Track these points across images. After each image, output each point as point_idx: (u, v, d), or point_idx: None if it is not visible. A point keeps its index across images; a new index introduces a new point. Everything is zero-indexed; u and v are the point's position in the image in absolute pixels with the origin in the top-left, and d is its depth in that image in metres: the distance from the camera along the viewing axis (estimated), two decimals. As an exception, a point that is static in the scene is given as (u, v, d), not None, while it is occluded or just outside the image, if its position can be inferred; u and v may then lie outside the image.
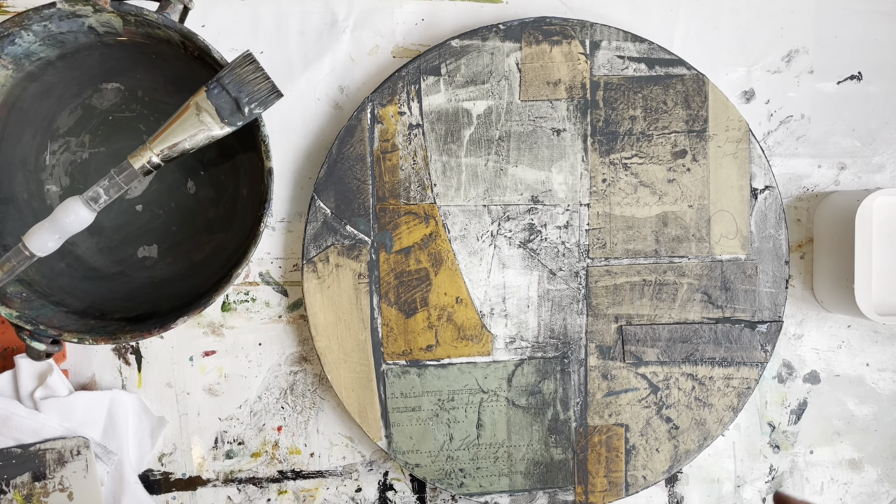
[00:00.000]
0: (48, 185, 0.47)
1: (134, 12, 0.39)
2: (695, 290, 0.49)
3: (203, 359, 0.50)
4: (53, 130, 0.47)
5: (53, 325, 0.41)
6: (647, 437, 0.50)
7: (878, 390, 0.53)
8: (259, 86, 0.39)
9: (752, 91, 0.51)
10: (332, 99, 0.50)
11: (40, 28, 0.40)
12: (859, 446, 0.53)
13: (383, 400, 0.49)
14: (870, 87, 0.52)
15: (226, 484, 0.50)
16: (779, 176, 0.52)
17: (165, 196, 0.49)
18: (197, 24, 0.48)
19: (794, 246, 0.52)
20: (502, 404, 0.49)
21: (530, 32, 0.48)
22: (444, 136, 0.48)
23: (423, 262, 0.48)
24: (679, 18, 0.51)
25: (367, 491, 0.51)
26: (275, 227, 0.50)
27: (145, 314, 0.45)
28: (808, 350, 0.53)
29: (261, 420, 0.50)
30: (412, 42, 0.50)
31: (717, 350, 0.49)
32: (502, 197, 0.49)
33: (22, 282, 0.43)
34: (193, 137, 0.39)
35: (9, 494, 0.45)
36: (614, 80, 0.48)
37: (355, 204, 0.48)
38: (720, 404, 0.50)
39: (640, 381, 0.49)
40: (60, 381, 0.46)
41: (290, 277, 0.50)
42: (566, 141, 0.49)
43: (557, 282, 0.49)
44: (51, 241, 0.39)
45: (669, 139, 0.49)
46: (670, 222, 0.49)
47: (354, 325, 0.48)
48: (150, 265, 0.49)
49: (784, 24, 0.51)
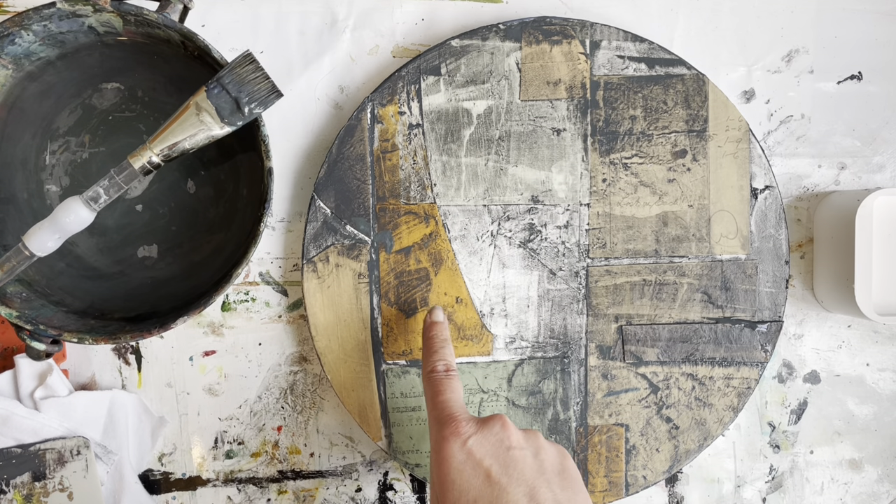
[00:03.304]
0: (48, 185, 0.47)
1: (134, 12, 0.39)
2: (695, 289, 0.49)
3: (203, 359, 0.50)
4: (53, 130, 0.47)
5: (53, 325, 0.41)
6: (648, 437, 0.50)
7: (878, 390, 0.53)
8: (259, 86, 0.39)
9: (752, 91, 0.51)
10: (332, 99, 0.50)
11: (40, 28, 0.40)
12: (859, 446, 0.53)
13: (383, 400, 0.49)
14: (870, 87, 0.52)
15: (226, 484, 0.50)
16: (779, 176, 0.52)
17: (165, 196, 0.49)
18: (197, 24, 0.48)
19: (795, 246, 0.52)
20: (502, 404, 0.49)
21: (530, 32, 0.48)
22: (444, 135, 0.48)
23: (423, 262, 0.48)
24: (679, 18, 0.51)
25: (367, 491, 0.51)
26: (275, 226, 0.50)
27: (145, 314, 0.45)
28: (809, 350, 0.53)
29: (261, 420, 0.50)
30: (412, 42, 0.50)
31: (717, 350, 0.49)
32: (502, 197, 0.49)
33: (22, 282, 0.43)
34: (193, 137, 0.39)
35: (9, 494, 0.45)
36: (614, 80, 0.49)
37: (355, 204, 0.48)
38: (720, 404, 0.50)
39: (641, 381, 0.49)
40: (60, 381, 0.46)
41: (290, 277, 0.50)
42: (566, 141, 0.49)
43: (557, 282, 0.49)
44: (51, 241, 0.39)
45: (669, 139, 0.49)
46: (670, 222, 0.49)
47: (354, 325, 0.48)
48: (149, 265, 0.49)
49: (784, 24, 0.51)
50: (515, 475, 0.36)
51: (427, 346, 0.44)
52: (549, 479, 0.36)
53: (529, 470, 0.36)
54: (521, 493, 0.35)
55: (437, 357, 0.42)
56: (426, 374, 0.42)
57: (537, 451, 0.38)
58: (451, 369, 0.42)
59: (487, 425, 0.38)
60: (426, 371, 0.42)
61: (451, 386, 0.41)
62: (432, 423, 0.39)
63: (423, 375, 0.42)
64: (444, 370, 0.42)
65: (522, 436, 0.38)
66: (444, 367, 0.42)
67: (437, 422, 0.39)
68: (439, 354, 0.43)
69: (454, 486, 0.36)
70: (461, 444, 0.37)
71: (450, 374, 0.41)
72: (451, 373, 0.41)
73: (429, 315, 0.46)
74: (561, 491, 0.36)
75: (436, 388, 0.41)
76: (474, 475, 0.36)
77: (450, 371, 0.42)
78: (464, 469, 0.36)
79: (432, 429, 0.39)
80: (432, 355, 0.43)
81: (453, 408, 0.39)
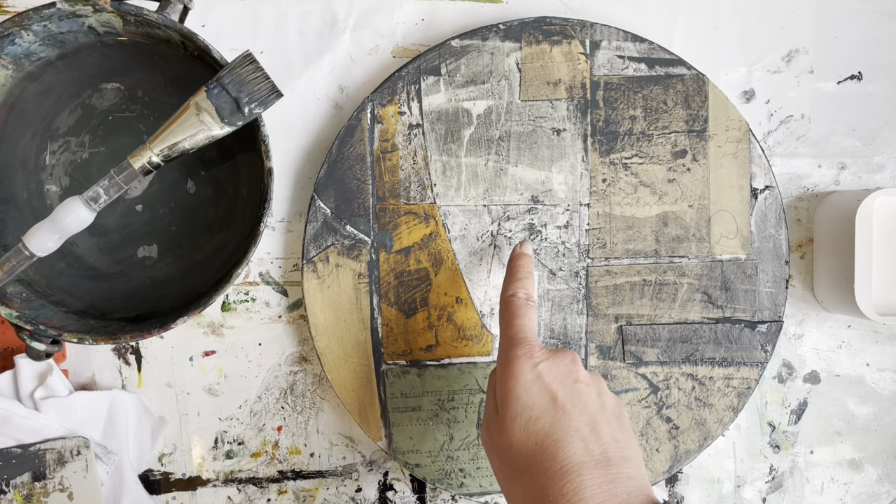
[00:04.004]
0: (48, 185, 0.47)
1: (134, 12, 0.39)
2: (695, 290, 0.49)
3: (203, 359, 0.50)
4: (53, 130, 0.47)
5: (53, 325, 0.41)
6: (648, 437, 0.50)
7: (878, 390, 0.53)
8: (259, 86, 0.39)
9: (752, 91, 0.51)
10: (332, 99, 0.50)
11: (40, 28, 0.40)
12: (859, 446, 0.53)
13: (383, 400, 0.49)
14: (870, 87, 0.52)
15: (226, 484, 0.50)
16: (779, 176, 0.52)
17: (165, 196, 0.49)
18: (197, 24, 0.48)
19: (794, 246, 0.52)
20: (502, 404, 0.49)
21: (530, 32, 0.48)
22: (444, 135, 0.48)
23: (423, 262, 0.48)
24: (679, 18, 0.51)
25: (367, 491, 0.51)
26: (275, 227, 0.50)
27: (145, 314, 0.45)
28: (809, 350, 0.53)
29: (261, 420, 0.50)
30: (412, 42, 0.50)
31: (717, 350, 0.49)
32: (502, 197, 0.49)
33: (22, 282, 0.43)
34: (193, 137, 0.39)
35: (9, 494, 0.45)
36: (614, 80, 0.48)
37: (355, 204, 0.48)
38: (720, 404, 0.50)
39: (641, 381, 0.49)
40: (60, 381, 0.46)
41: (290, 277, 0.50)
42: (566, 141, 0.49)
43: (557, 282, 0.49)
44: (51, 241, 0.39)
45: (669, 139, 0.49)
46: (670, 222, 0.49)
47: (354, 325, 0.48)
48: (149, 265, 0.49)
49: (784, 24, 0.51)
50: (580, 405, 0.37)
51: (511, 273, 0.44)
52: (608, 418, 0.37)
53: (593, 405, 0.37)
54: (583, 421, 0.36)
55: (519, 285, 0.43)
56: (505, 298, 0.42)
57: (601, 392, 0.39)
58: (532, 299, 0.42)
59: (559, 356, 0.39)
60: (506, 294, 0.42)
61: (529, 314, 0.41)
62: (504, 342, 0.40)
63: (502, 298, 0.42)
64: (525, 298, 0.42)
65: (589, 375, 0.39)
66: (524, 295, 0.42)
67: (511, 341, 0.40)
68: (522, 283, 0.43)
69: (519, 401, 0.37)
70: (532, 365, 0.38)
71: (529, 303, 0.42)
72: (530, 302, 0.42)
73: (519, 246, 0.46)
74: (619, 431, 0.37)
75: (514, 311, 0.41)
76: (541, 396, 0.37)
77: (530, 300, 0.42)
78: (532, 388, 0.37)
79: (503, 347, 0.40)
80: (515, 282, 0.43)
81: (528, 333, 0.40)
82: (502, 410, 0.38)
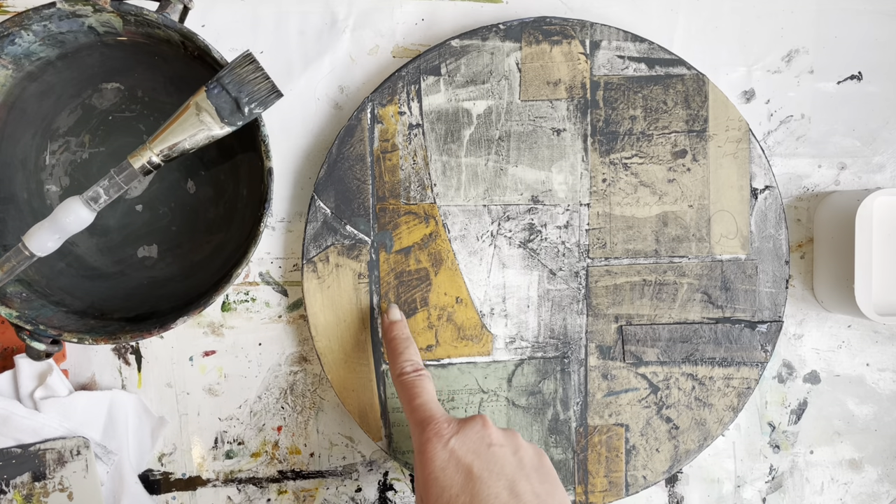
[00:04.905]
0: (48, 185, 0.47)
1: (134, 12, 0.39)
2: (695, 290, 0.49)
3: (203, 359, 0.50)
4: (53, 130, 0.47)
5: (53, 325, 0.41)
6: (648, 437, 0.50)
7: (878, 390, 0.53)
8: (259, 86, 0.39)
9: (752, 91, 0.51)
10: (332, 99, 0.50)
11: (40, 28, 0.40)
12: (859, 446, 0.53)
13: (383, 400, 0.49)
14: (870, 87, 0.52)
15: (226, 484, 0.50)
16: (779, 176, 0.52)
17: (165, 196, 0.49)
18: (197, 24, 0.48)
19: (794, 246, 0.52)
20: (502, 404, 0.49)
21: (530, 32, 0.48)
22: (444, 135, 0.48)
23: (423, 262, 0.48)
24: (679, 18, 0.51)
25: (367, 491, 0.51)
26: (275, 227, 0.50)
27: (145, 314, 0.45)
28: (809, 350, 0.53)
29: (261, 420, 0.50)
30: (412, 42, 0.50)
31: (717, 350, 0.49)
32: (502, 197, 0.49)
33: (22, 282, 0.43)
34: (193, 137, 0.39)
35: (9, 494, 0.45)
36: (614, 80, 0.49)
37: (355, 204, 0.48)
38: (720, 404, 0.50)
39: (640, 381, 0.49)
40: (60, 381, 0.46)
41: (290, 277, 0.50)
42: (566, 141, 0.49)
43: (557, 282, 0.49)
44: (51, 241, 0.39)
45: (669, 139, 0.49)
46: (670, 222, 0.49)
47: (354, 325, 0.48)
48: (149, 265, 0.49)
49: (784, 24, 0.51)
50: (496, 470, 0.37)
51: (391, 349, 0.44)
52: (528, 474, 0.37)
53: (509, 465, 0.37)
54: (501, 486, 0.36)
55: (402, 358, 0.43)
56: (396, 378, 0.43)
57: (517, 448, 0.39)
58: (420, 369, 0.42)
59: (468, 424, 0.39)
60: (395, 374, 0.43)
61: (424, 387, 0.41)
62: (412, 426, 0.40)
63: (393, 379, 0.43)
64: (413, 371, 0.42)
65: (502, 434, 0.39)
66: (412, 368, 0.42)
67: (418, 424, 0.40)
68: (405, 356, 0.43)
69: (437, 484, 0.37)
70: (443, 444, 0.38)
71: (420, 374, 0.42)
72: (420, 373, 0.42)
73: (385, 315, 0.46)
74: (539, 485, 0.37)
75: (409, 391, 0.41)
76: (456, 472, 0.37)
77: (418, 371, 0.42)
78: (447, 467, 0.37)
79: (414, 431, 0.40)
80: (398, 357, 0.43)
81: (431, 409, 0.40)
82: (425, 497, 0.38)
